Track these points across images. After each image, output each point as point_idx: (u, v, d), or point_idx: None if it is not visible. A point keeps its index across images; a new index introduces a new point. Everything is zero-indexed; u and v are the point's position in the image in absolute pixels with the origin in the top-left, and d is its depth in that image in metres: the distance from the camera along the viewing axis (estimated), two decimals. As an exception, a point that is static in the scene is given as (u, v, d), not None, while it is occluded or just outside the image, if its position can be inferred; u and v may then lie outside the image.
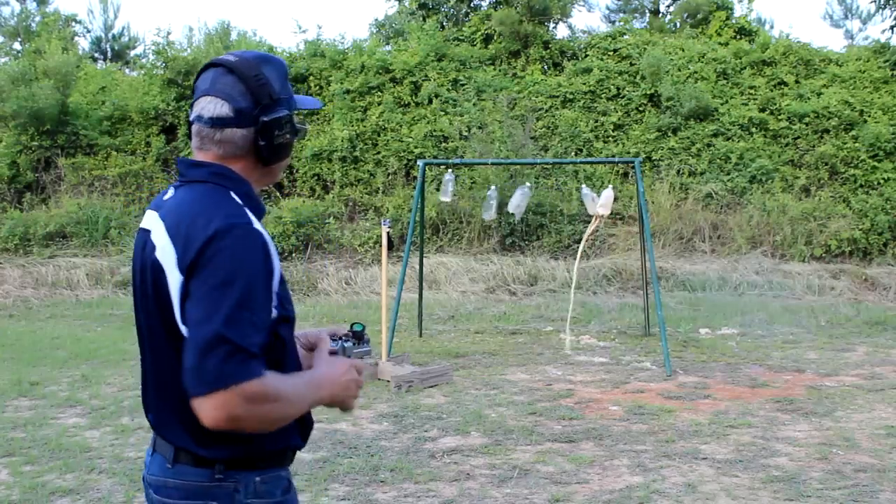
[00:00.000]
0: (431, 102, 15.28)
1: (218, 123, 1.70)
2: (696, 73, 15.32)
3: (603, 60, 15.93)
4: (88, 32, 23.92)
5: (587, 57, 16.26)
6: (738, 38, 16.99)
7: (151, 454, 1.75)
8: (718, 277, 12.06)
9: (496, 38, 16.84)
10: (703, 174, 14.12)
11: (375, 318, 9.45)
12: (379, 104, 15.30)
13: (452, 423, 5.69)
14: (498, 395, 6.51)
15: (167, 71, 15.73)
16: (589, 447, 5.17)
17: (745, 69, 15.57)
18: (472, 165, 12.96)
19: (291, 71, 15.80)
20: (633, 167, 10.87)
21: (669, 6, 22.02)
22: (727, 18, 17.89)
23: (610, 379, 7.11)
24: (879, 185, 13.65)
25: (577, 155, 14.36)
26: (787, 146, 14.41)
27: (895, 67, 15.29)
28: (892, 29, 16.12)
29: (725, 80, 15.39)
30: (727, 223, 13.44)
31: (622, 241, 13.18)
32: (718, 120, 14.64)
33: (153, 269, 1.64)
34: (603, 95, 15.31)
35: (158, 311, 1.65)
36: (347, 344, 1.97)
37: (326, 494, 4.36)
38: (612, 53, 16.22)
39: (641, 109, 15.10)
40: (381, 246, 7.97)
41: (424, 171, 8.33)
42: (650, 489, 4.41)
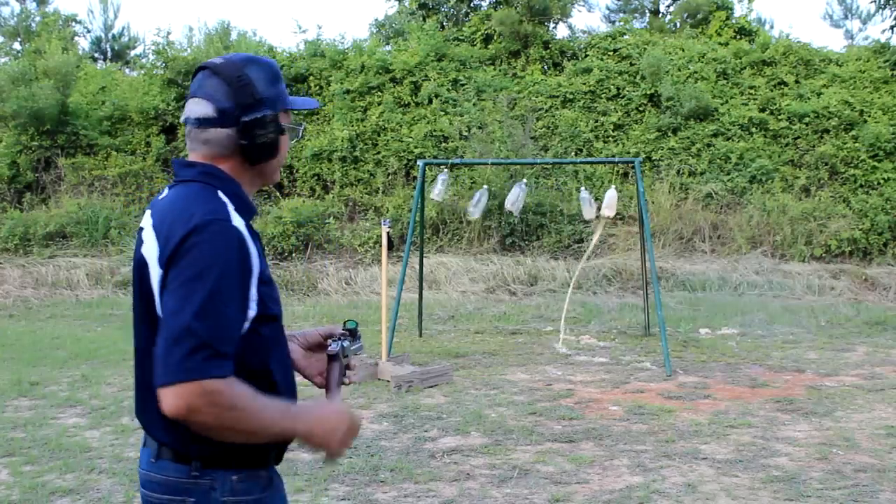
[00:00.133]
0: (431, 102, 15.28)
1: (203, 124, 1.74)
2: (696, 73, 15.32)
3: (603, 60, 15.94)
4: (88, 32, 23.95)
5: (587, 57, 16.27)
6: (738, 38, 16.99)
7: (143, 448, 1.78)
8: (718, 277, 12.06)
9: (496, 38, 16.85)
10: (703, 174, 14.12)
11: (375, 318, 9.45)
12: (379, 104, 15.30)
13: (452, 423, 5.69)
14: (498, 395, 6.51)
15: (167, 71, 15.73)
16: (589, 447, 5.17)
17: (745, 69, 15.58)
18: (472, 165, 12.97)
19: (291, 71, 15.85)
20: (633, 167, 10.87)
21: (669, 6, 22.03)
22: (727, 18, 17.89)
23: (610, 379, 7.11)
24: (879, 185, 13.66)
25: (577, 155, 14.36)
26: (787, 146, 14.42)
27: (895, 67, 15.29)
28: (892, 29, 16.12)
29: (725, 80, 15.40)
30: (727, 223, 13.45)
31: (622, 241, 13.18)
32: (718, 120, 14.64)
33: (139, 264, 1.69)
34: (603, 95, 15.31)
35: (143, 305, 1.69)
36: (346, 343, 1.96)
37: (326, 494, 4.36)
38: (612, 53, 16.22)
39: (641, 109, 15.10)
40: (381, 246, 7.97)
41: (424, 171, 8.33)
42: (650, 489, 4.41)
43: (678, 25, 19.95)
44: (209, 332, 1.51)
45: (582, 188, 8.62)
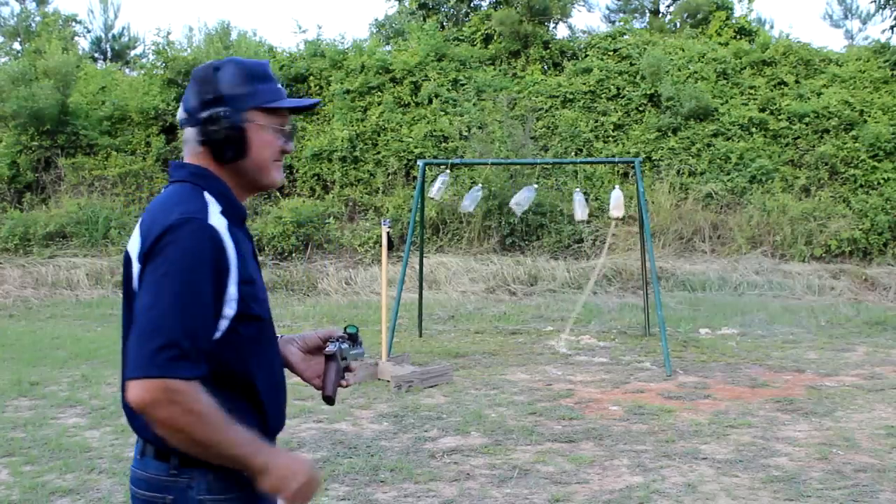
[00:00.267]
0: (431, 102, 15.28)
1: (181, 125, 1.79)
2: (696, 73, 15.32)
3: (603, 60, 15.94)
4: (88, 32, 23.96)
5: (587, 57, 16.27)
6: (738, 38, 17.00)
7: (136, 445, 1.80)
8: (718, 277, 12.06)
9: (496, 38, 16.85)
10: (703, 174, 14.12)
11: (375, 318, 9.45)
12: (379, 104, 15.30)
13: (452, 423, 5.69)
14: (498, 395, 6.51)
15: (167, 71, 15.73)
16: (589, 447, 5.17)
17: (745, 69, 15.58)
18: (472, 165, 12.97)
19: (291, 71, 15.85)
20: (633, 167, 10.87)
21: (669, 6, 22.03)
22: (727, 18, 17.90)
23: (610, 379, 7.11)
24: (879, 185, 13.66)
25: (577, 155, 14.36)
26: (787, 146, 14.42)
27: (895, 67, 15.29)
28: (892, 29, 16.13)
29: (725, 80, 15.40)
30: (727, 223, 13.45)
31: (622, 241, 13.18)
32: (718, 120, 14.64)
33: (125, 261, 1.72)
34: (603, 95, 15.31)
35: (127, 301, 1.72)
36: (344, 346, 1.94)
37: (326, 494, 4.36)
38: (612, 53, 16.22)
39: (641, 109, 15.11)
40: (381, 246, 7.97)
41: (424, 171, 8.33)
42: (650, 489, 4.41)
43: (678, 25, 19.96)
44: (177, 330, 1.53)
45: (577, 190, 8.50)
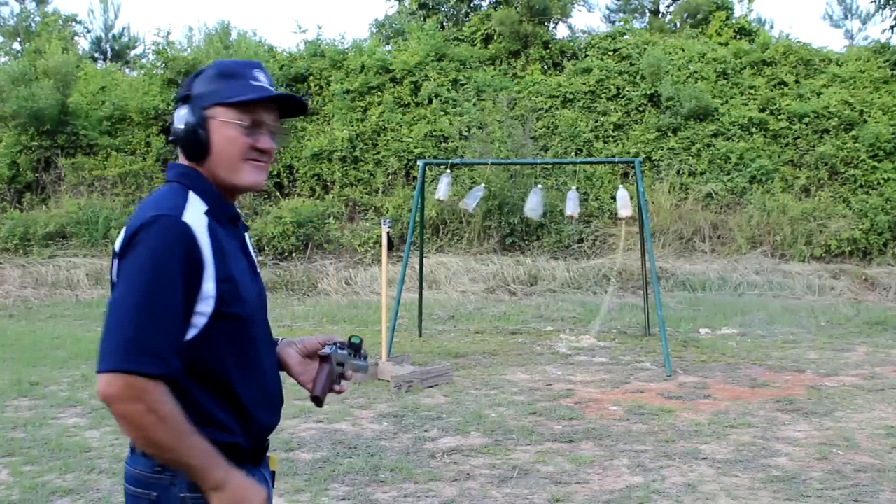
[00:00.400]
0: (431, 102, 15.28)
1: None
2: (696, 73, 15.32)
3: (603, 60, 15.94)
4: (88, 32, 23.97)
5: (587, 57, 16.27)
6: (738, 38, 17.00)
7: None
8: (718, 277, 12.06)
9: (496, 38, 16.85)
10: (703, 174, 14.12)
11: (375, 318, 9.45)
12: (379, 104, 15.30)
13: (452, 423, 5.69)
14: (498, 395, 6.51)
15: (167, 71, 15.74)
16: (589, 447, 5.17)
17: (745, 69, 15.58)
18: (472, 165, 12.97)
19: (291, 71, 15.86)
20: (633, 167, 10.87)
21: (669, 6, 22.04)
22: (727, 18, 17.90)
23: (610, 379, 7.11)
24: (879, 185, 13.66)
25: (577, 155, 14.36)
26: (787, 146, 14.42)
27: (895, 67, 15.29)
28: (892, 29, 16.13)
29: (725, 80, 15.40)
30: (727, 223, 13.45)
31: (622, 241, 13.18)
32: (718, 120, 14.64)
33: (112, 257, 1.74)
34: (603, 95, 15.31)
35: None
36: (343, 351, 1.92)
37: (326, 494, 4.36)
38: (612, 53, 16.22)
39: (641, 109, 15.11)
40: (381, 246, 7.97)
41: (424, 171, 8.33)
42: (650, 489, 4.41)
43: (678, 25, 19.96)
44: (143, 327, 1.55)
45: (573, 189, 8.44)
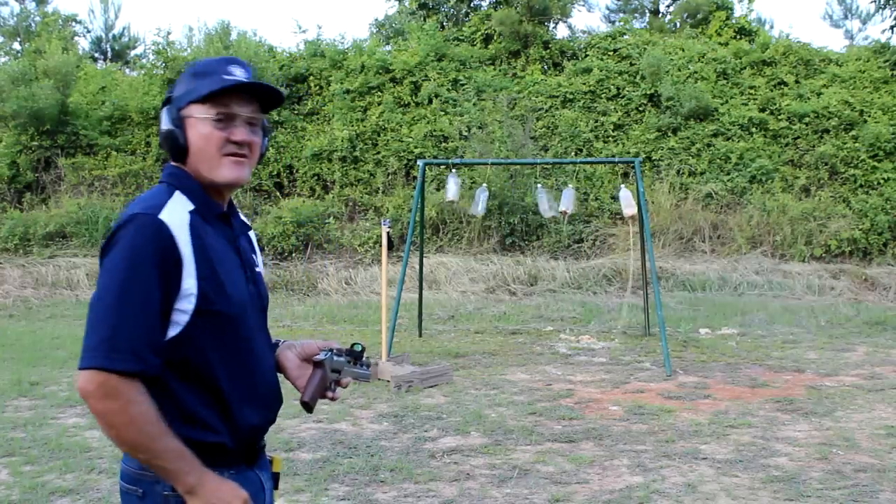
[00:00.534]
0: (431, 102, 15.28)
1: None
2: (696, 73, 15.32)
3: (603, 60, 15.94)
4: (88, 32, 23.93)
5: (587, 57, 16.27)
6: (738, 38, 17.00)
7: None
8: (718, 277, 12.06)
9: (496, 38, 16.85)
10: (703, 174, 14.12)
11: (375, 318, 9.45)
12: (379, 104, 15.30)
13: (452, 423, 5.69)
14: (498, 395, 6.51)
15: (167, 71, 15.72)
16: (589, 447, 5.17)
17: (745, 69, 15.58)
18: (472, 165, 12.97)
19: (291, 71, 15.85)
20: (633, 167, 10.87)
21: (669, 6, 22.03)
22: (727, 18, 17.90)
23: (610, 379, 7.11)
24: (879, 185, 13.66)
25: (577, 155, 14.36)
26: (787, 146, 14.42)
27: (895, 67, 15.29)
28: (892, 29, 16.13)
29: (725, 80, 15.40)
30: (727, 223, 13.45)
31: (622, 241, 13.18)
32: (718, 120, 14.64)
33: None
34: (603, 95, 15.31)
35: None
36: (339, 358, 1.89)
37: (326, 494, 4.36)
38: (612, 53, 16.22)
39: (641, 109, 15.11)
40: (381, 246, 7.97)
41: (424, 171, 8.33)
42: (650, 489, 4.41)
43: (678, 25, 19.96)
44: (117, 326, 1.57)
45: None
